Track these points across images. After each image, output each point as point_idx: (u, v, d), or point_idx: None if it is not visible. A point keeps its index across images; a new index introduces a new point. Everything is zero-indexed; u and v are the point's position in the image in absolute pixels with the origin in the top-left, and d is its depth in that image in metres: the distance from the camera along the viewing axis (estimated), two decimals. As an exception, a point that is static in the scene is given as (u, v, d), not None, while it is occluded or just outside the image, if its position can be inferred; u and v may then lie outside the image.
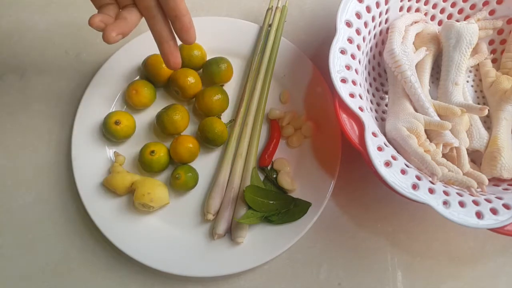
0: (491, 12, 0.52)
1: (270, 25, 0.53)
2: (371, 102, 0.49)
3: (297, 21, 0.56)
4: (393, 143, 0.44)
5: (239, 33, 0.53)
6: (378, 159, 0.38)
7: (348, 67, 0.42)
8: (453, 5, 0.52)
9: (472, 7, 0.52)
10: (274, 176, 0.48)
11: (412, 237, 0.48)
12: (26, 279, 0.45)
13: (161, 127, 0.47)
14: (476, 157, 0.48)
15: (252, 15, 0.56)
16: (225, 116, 0.51)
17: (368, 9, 0.45)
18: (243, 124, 0.49)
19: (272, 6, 0.54)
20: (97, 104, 0.48)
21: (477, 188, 0.40)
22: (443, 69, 0.49)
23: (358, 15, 0.44)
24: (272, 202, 0.46)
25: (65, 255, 0.46)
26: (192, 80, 0.48)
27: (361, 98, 0.42)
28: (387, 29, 0.49)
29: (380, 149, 0.39)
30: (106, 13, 0.36)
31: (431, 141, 0.44)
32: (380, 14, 0.47)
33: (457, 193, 0.40)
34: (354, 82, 0.42)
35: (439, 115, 0.45)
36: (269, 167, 0.48)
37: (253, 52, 0.52)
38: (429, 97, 0.47)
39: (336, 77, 0.40)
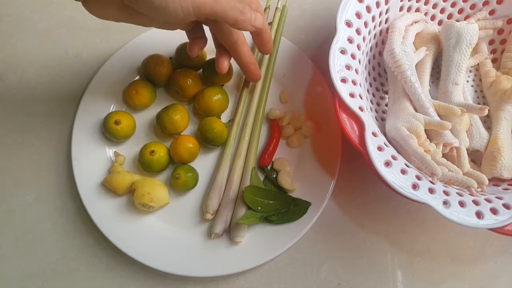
0: (491, 12, 0.52)
1: (269, 24, 0.53)
2: (371, 102, 0.49)
3: (297, 21, 0.56)
4: (393, 143, 0.44)
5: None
6: (378, 159, 0.38)
7: (348, 67, 0.42)
8: (453, 5, 0.52)
9: (472, 7, 0.52)
10: (274, 176, 0.48)
11: (412, 237, 0.48)
12: (26, 279, 0.45)
13: (161, 127, 0.47)
14: (476, 157, 0.48)
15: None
16: (225, 116, 0.51)
17: (368, 9, 0.45)
18: (243, 124, 0.49)
19: (269, 5, 0.54)
20: (97, 104, 0.48)
21: (477, 188, 0.40)
22: (443, 69, 0.49)
23: (358, 15, 0.44)
24: (272, 202, 0.46)
25: (65, 255, 0.46)
26: (192, 80, 0.48)
27: (361, 98, 0.42)
28: (387, 29, 0.49)
29: (380, 149, 0.39)
30: (196, 35, 0.43)
31: (431, 141, 0.44)
32: (380, 14, 0.47)
33: (457, 193, 0.40)
34: (354, 82, 0.42)
35: (439, 115, 0.45)
36: (269, 167, 0.48)
37: (253, 52, 0.52)
38: (429, 97, 0.47)
39: (336, 77, 0.40)
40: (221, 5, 0.35)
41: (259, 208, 0.45)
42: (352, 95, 0.41)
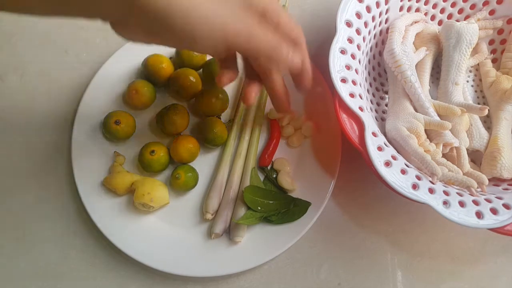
0: (491, 12, 0.52)
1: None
2: (371, 102, 0.49)
3: (297, 21, 0.56)
4: (393, 143, 0.44)
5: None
6: (378, 159, 0.38)
7: (348, 67, 0.42)
8: (453, 5, 0.52)
9: (472, 7, 0.52)
10: (274, 176, 0.48)
11: (412, 237, 0.48)
12: (26, 279, 0.45)
13: (161, 127, 0.47)
14: (476, 157, 0.48)
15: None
16: (225, 116, 0.51)
17: (368, 9, 0.45)
18: (243, 124, 0.49)
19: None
20: (97, 104, 0.48)
21: (477, 188, 0.40)
22: (443, 69, 0.49)
23: (358, 15, 0.44)
24: (271, 202, 0.46)
25: (65, 255, 0.46)
26: (192, 80, 0.48)
27: (361, 98, 0.42)
28: (387, 29, 0.49)
29: (380, 149, 0.39)
30: (228, 67, 0.38)
31: (431, 141, 0.44)
32: (380, 14, 0.47)
33: (457, 193, 0.40)
34: (354, 82, 0.42)
35: (439, 115, 0.45)
36: (269, 167, 0.48)
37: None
38: (429, 97, 0.47)
39: (336, 77, 0.40)
40: (256, 43, 0.31)
41: (259, 208, 0.45)
42: (352, 95, 0.41)
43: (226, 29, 0.30)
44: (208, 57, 0.51)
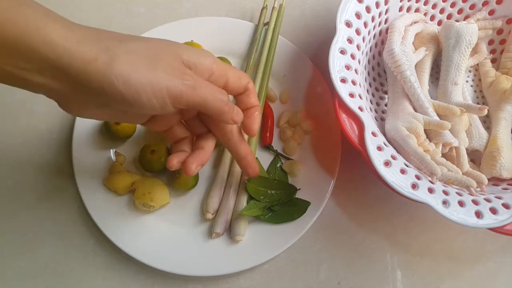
0: (491, 12, 0.52)
1: (266, 24, 0.53)
2: (371, 102, 0.49)
3: (297, 21, 0.57)
4: (392, 143, 0.44)
5: (238, 32, 0.53)
6: (377, 158, 0.38)
7: (347, 67, 0.42)
8: (453, 5, 0.52)
9: (472, 7, 0.52)
10: (279, 165, 0.48)
11: (411, 237, 0.48)
12: (26, 279, 0.45)
13: (161, 127, 0.47)
14: (475, 156, 0.48)
15: (256, 15, 0.56)
16: (225, 116, 0.51)
17: (368, 9, 0.45)
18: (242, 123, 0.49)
19: (266, 5, 0.54)
20: (98, 104, 0.49)
21: (477, 187, 0.40)
22: (442, 69, 0.50)
23: (358, 15, 0.44)
24: (274, 192, 0.46)
25: (65, 255, 0.46)
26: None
27: (360, 98, 0.42)
28: (387, 29, 0.49)
29: (379, 148, 0.39)
30: (181, 149, 0.38)
31: (430, 141, 0.45)
32: (380, 14, 0.48)
33: (457, 192, 0.40)
34: (353, 82, 0.42)
35: (438, 115, 0.45)
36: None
37: (251, 52, 0.52)
38: (429, 97, 0.47)
39: (336, 77, 0.40)
40: (201, 95, 0.32)
41: (262, 197, 0.45)
42: (351, 95, 0.41)
43: (169, 84, 0.30)
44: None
